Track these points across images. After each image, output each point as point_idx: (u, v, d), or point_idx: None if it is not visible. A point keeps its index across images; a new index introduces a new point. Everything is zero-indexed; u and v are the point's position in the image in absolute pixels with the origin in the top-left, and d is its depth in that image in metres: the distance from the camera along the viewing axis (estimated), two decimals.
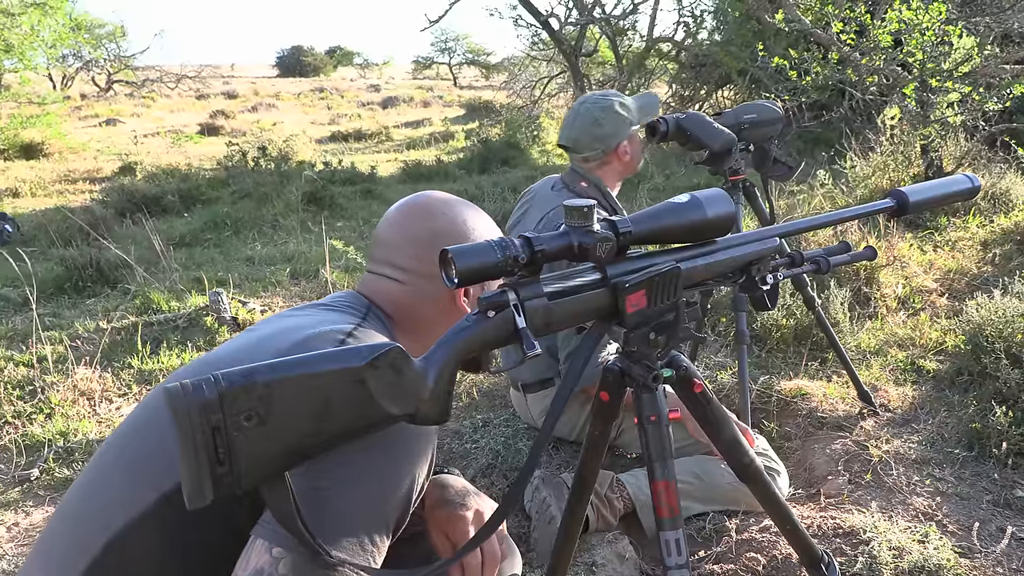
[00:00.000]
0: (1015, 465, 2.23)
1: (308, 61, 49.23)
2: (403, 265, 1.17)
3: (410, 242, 1.17)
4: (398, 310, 1.18)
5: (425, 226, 1.18)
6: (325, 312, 1.14)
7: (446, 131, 13.50)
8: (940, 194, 1.42)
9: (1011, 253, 4.07)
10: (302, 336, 1.03)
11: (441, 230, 1.18)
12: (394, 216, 1.22)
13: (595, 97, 2.24)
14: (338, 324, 1.07)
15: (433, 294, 1.17)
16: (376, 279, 1.20)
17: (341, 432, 0.90)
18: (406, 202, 1.23)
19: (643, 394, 1.15)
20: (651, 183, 6.89)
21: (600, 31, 8.53)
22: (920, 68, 4.35)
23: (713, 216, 1.13)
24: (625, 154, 2.23)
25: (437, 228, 1.18)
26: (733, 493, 2.02)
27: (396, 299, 1.18)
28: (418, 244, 1.17)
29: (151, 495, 0.97)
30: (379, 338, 1.07)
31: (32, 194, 7.94)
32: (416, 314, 1.17)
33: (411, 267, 1.17)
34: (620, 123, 2.20)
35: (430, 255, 1.09)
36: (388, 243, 1.20)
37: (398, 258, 1.18)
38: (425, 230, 1.17)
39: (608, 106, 2.20)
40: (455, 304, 1.18)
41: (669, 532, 1.15)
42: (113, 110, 18.39)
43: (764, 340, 3.16)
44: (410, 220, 1.19)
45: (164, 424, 0.95)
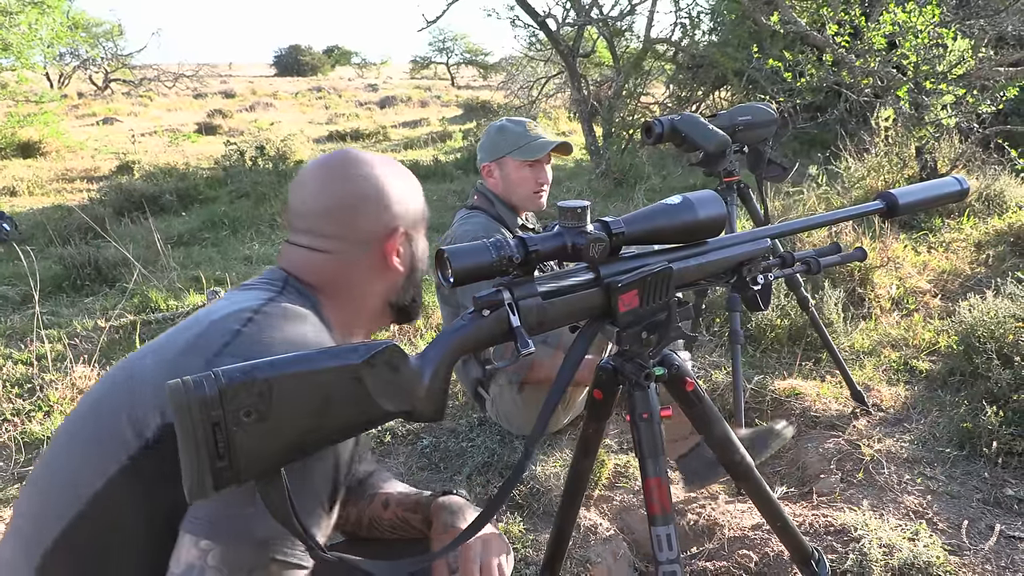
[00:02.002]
0: (1005, 464, 2.26)
1: (306, 60, 49.23)
2: (327, 233, 1.11)
3: (332, 208, 1.11)
4: (324, 280, 1.12)
5: (347, 190, 1.11)
6: (243, 292, 1.11)
7: (443, 131, 13.51)
8: (929, 196, 1.45)
9: (1004, 254, 4.10)
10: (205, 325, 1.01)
11: (364, 192, 1.12)
12: (311, 181, 1.14)
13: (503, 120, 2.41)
14: (248, 303, 1.04)
15: (361, 259, 1.13)
16: (297, 251, 1.14)
17: (340, 428, 0.92)
18: (322, 165, 1.16)
19: (635, 392, 1.17)
20: (648, 184, 6.91)
21: (598, 32, 8.55)
22: (914, 70, 4.38)
23: (705, 217, 1.15)
24: (490, 176, 2.37)
25: (359, 191, 1.12)
26: None
27: (321, 268, 1.12)
28: (341, 210, 1.11)
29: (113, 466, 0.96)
30: (296, 310, 1.04)
31: (29, 193, 7.95)
32: (345, 281, 1.13)
33: (336, 234, 1.11)
34: (491, 146, 2.36)
35: (355, 219, 1.11)
36: (308, 211, 1.13)
37: (321, 226, 1.11)
38: (348, 194, 1.11)
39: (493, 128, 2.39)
40: (387, 265, 1.15)
41: (661, 528, 1.17)
42: (110, 109, 18.38)
43: (758, 340, 3.18)
44: (330, 185, 1.12)
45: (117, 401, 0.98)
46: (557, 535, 1.46)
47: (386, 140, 13.41)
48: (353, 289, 1.14)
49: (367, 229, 1.12)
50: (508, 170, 2.34)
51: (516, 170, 2.33)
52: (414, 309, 1.22)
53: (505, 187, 2.36)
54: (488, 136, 2.38)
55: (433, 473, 2.32)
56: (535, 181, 2.34)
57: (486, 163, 2.38)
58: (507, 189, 2.36)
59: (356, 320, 1.16)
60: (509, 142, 2.32)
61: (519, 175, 2.33)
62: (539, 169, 2.35)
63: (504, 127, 2.36)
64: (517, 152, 2.31)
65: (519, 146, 2.31)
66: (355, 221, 1.11)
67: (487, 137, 2.39)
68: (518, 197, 2.36)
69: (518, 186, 2.34)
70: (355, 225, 1.11)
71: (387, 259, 1.14)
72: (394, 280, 1.16)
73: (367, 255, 1.13)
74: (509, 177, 2.34)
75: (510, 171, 2.34)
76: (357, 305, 1.15)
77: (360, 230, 1.11)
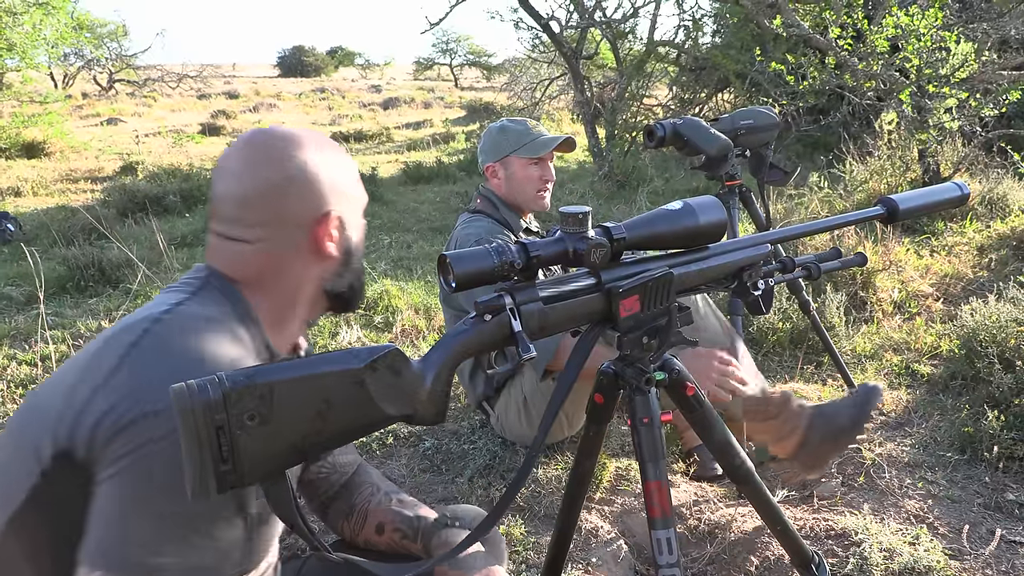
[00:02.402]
0: (1006, 469, 2.26)
1: (309, 61, 49.31)
2: (252, 220, 1.03)
3: (256, 193, 1.03)
4: (251, 272, 1.05)
5: (272, 172, 1.03)
6: (164, 294, 1.05)
7: (447, 132, 13.54)
8: (930, 202, 1.45)
9: (1007, 258, 4.09)
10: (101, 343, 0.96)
11: (290, 174, 1.04)
12: (232, 164, 1.05)
13: (503, 120, 2.38)
14: (149, 311, 0.98)
15: (291, 247, 1.05)
16: (221, 241, 1.06)
17: (342, 432, 0.93)
18: (244, 146, 1.06)
19: (636, 396, 1.18)
20: (650, 186, 6.92)
21: (601, 34, 8.56)
22: (917, 74, 4.38)
23: (705, 223, 1.16)
24: (494, 176, 2.34)
25: (286, 173, 1.03)
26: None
27: (247, 259, 1.05)
28: (266, 194, 1.03)
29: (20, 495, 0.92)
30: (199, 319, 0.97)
31: (34, 193, 7.97)
32: (274, 271, 1.06)
33: (261, 221, 1.03)
34: (493, 146, 2.33)
35: (282, 204, 1.03)
36: (230, 197, 1.04)
37: (245, 213, 1.03)
38: (273, 177, 1.03)
39: (494, 128, 2.36)
40: (320, 252, 1.07)
41: (661, 531, 1.17)
42: (114, 109, 18.42)
43: (760, 343, 3.19)
44: (253, 167, 1.03)
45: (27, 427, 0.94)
46: (558, 538, 1.46)
47: (389, 141, 13.43)
48: (283, 279, 1.07)
49: (296, 214, 1.04)
50: (513, 169, 2.31)
51: (521, 168, 2.30)
52: (353, 297, 1.15)
53: (509, 187, 2.33)
54: (489, 137, 2.35)
55: (435, 475, 2.33)
56: (540, 179, 2.31)
57: (490, 164, 2.34)
58: (512, 189, 2.33)
59: (289, 312, 1.09)
60: (512, 140, 2.30)
61: (524, 173, 2.30)
62: (544, 166, 2.32)
63: (505, 126, 2.33)
64: (522, 150, 2.28)
65: (523, 144, 2.28)
66: (282, 206, 1.03)
67: (488, 138, 2.36)
68: (524, 197, 2.33)
69: (524, 185, 2.31)
70: (282, 211, 1.03)
71: (320, 245, 1.07)
72: (328, 267, 1.10)
73: (297, 242, 1.06)
74: (514, 176, 2.31)
75: (515, 170, 2.30)
76: (290, 296, 1.08)
77: (288, 216, 1.04)
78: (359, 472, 1.35)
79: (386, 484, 1.36)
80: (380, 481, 1.36)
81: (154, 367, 0.90)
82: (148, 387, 0.88)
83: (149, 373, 0.90)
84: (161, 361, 0.91)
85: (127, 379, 0.90)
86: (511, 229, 2.30)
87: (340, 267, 1.11)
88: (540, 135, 2.31)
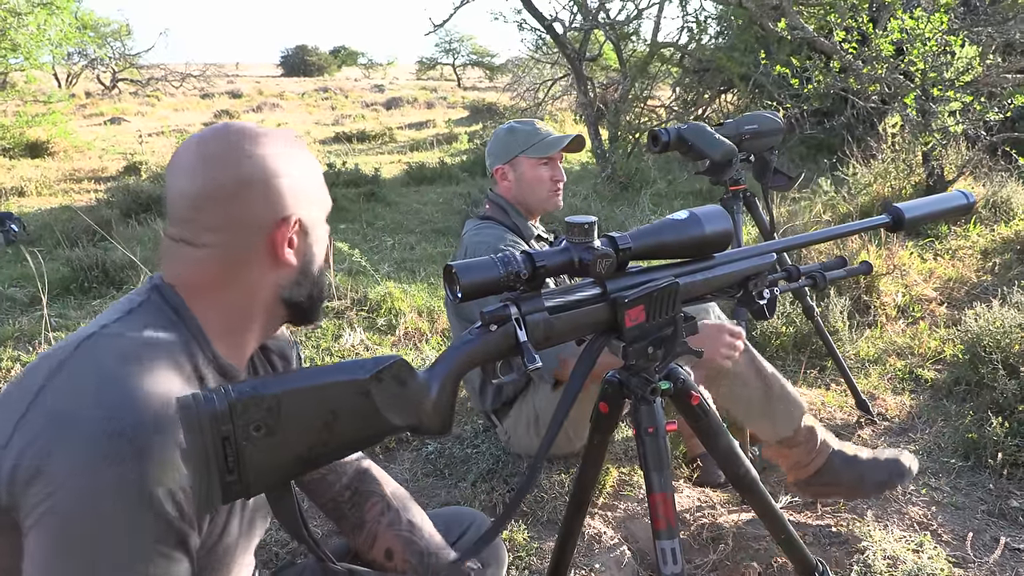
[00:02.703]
0: (1010, 476, 2.25)
1: (312, 61, 49.39)
2: (205, 224, 0.97)
3: (210, 194, 0.96)
4: (201, 279, 0.99)
5: (228, 172, 0.96)
6: (107, 312, 1.00)
7: (450, 133, 13.54)
8: (936, 210, 1.45)
9: (1011, 262, 4.09)
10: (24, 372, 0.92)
11: (248, 175, 0.96)
12: (187, 161, 0.97)
13: (510, 122, 2.34)
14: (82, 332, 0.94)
15: (245, 253, 0.99)
16: (172, 245, 1.00)
17: (347, 442, 0.93)
18: (200, 142, 0.99)
19: (641, 406, 1.18)
20: (653, 188, 6.91)
21: (605, 35, 8.56)
22: (922, 77, 4.37)
23: (711, 232, 1.16)
24: (504, 179, 2.29)
25: (244, 173, 0.96)
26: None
27: (197, 265, 0.98)
28: (220, 196, 0.96)
29: None
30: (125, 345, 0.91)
31: (37, 193, 7.98)
32: (225, 280, 0.99)
33: (214, 224, 0.97)
34: (501, 148, 2.28)
35: (238, 207, 0.96)
36: (183, 197, 0.97)
37: (197, 215, 0.97)
38: (229, 177, 0.96)
39: (502, 130, 2.31)
40: (277, 259, 1.01)
41: (666, 541, 1.17)
42: (118, 109, 18.45)
43: (763, 347, 3.18)
44: (210, 168, 0.96)
45: None
46: (561, 545, 1.46)
47: (392, 141, 13.44)
48: (237, 287, 1.00)
49: (252, 218, 0.97)
50: (523, 169, 2.26)
51: (531, 169, 2.25)
52: (312, 309, 1.09)
53: (520, 189, 2.28)
54: (497, 139, 2.31)
55: (438, 479, 2.32)
56: (551, 179, 2.27)
57: (499, 166, 2.29)
58: (522, 191, 2.28)
59: (243, 322, 1.03)
60: (521, 141, 2.26)
61: (535, 174, 2.26)
62: (554, 166, 2.28)
63: (513, 127, 2.29)
64: (532, 150, 2.24)
65: (532, 143, 2.24)
66: (237, 209, 0.96)
67: (496, 140, 2.31)
68: (535, 198, 2.28)
69: (534, 186, 2.26)
70: (237, 214, 0.97)
71: (277, 252, 1.00)
72: (286, 275, 1.03)
73: (253, 248, 0.99)
74: (524, 177, 2.26)
75: (525, 170, 2.26)
76: (244, 305, 1.02)
77: (243, 219, 0.97)
78: (367, 479, 1.30)
79: (396, 498, 1.31)
80: (390, 493, 1.30)
81: (67, 400, 0.85)
82: (60, 424, 0.83)
83: (61, 407, 0.84)
84: (74, 394, 0.86)
85: (41, 416, 0.84)
86: (521, 235, 2.25)
87: (299, 275, 1.04)
88: (548, 134, 2.28)
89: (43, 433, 0.83)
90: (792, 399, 2.00)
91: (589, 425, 1.30)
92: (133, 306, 0.98)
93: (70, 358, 0.89)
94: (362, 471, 1.32)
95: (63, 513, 0.81)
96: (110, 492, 0.81)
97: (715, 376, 1.95)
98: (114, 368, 0.88)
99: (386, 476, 1.34)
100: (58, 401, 0.85)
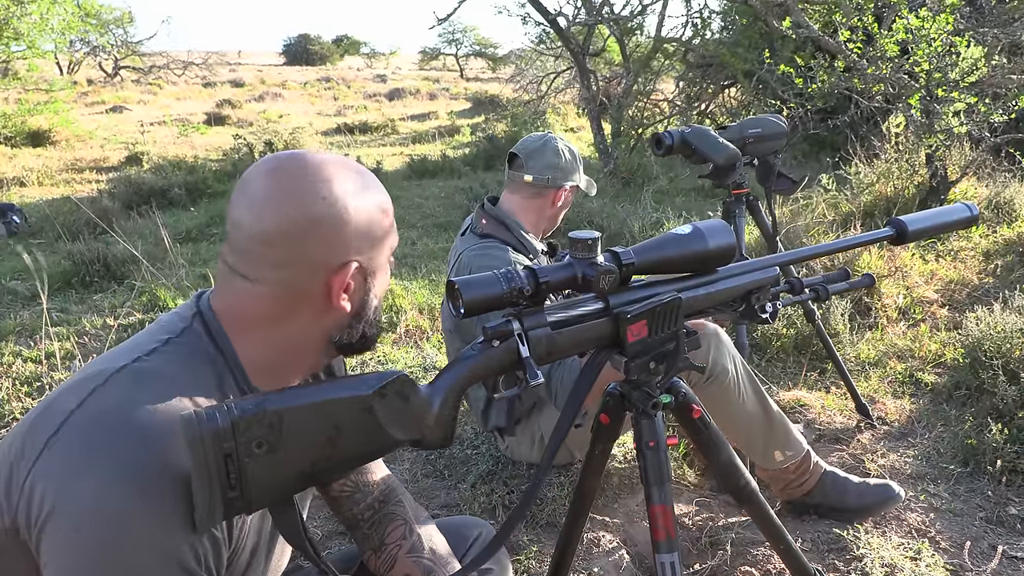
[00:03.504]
0: (1009, 482, 2.26)
1: (315, 50, 49.27)
2: (264, 259, 0.94)
3: (274, 234, 0.92)
4: (252, 313, 0.96)
5: (296, 212, 0.92)
6: (144, 334, 0.98)
7: (452, 125, 13.51)
8: (939, 223, 1.45)
9: (1013, 264, 4.08)
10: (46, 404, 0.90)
11: (319, 216, 0.93)
12: (256, 192, 0.94)
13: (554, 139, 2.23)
14: (111, 363, 0.91)
15: (301, 294, 0.96)
16: (229, 275, 0.97)
17: (350, 457, 0.93)
18: (273, 172, 0.95)
19: (642, 420, 1.18)
20: (656, 185, 6.91)
21: (608, 30, 8.52)
22: (926, 78, 4.35)
23: (715, 247, 1.15)
24: (556, 202, 2.19)
25: (313, 214, 0.93)
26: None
27: (251, 300, 0.96)
28: (285, 237, 0.92)
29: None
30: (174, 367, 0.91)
31: (39, 183, 7.98)
32: (278, 317, 0.97)
33: (274, 262, 0.94)
34: (567, 170, 2.19)
35: (301, 248, 0.93)
36: (246, 230, 0.94)
37: (258, 248, 0.94)
38: (298, 216, 0.92)
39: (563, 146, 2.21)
40: (330, 303, 0.97)
41: (665, 555, 1.18)
42: (120, 97, 18.42)
43: (764, 349, 3.18)
44: (277, 202, 0.92)
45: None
46: (561, 551, 1.47)
47: (394, 133, 13.42)
48: (286, 327, 0.98)
49: (312, 261, 0.94)
50: (567, 196, 2.22)
51: (571, 196, 2.23)
52: (364, 344, 1.06)
53: (555, 212, 2.21)
54: (564, 155, 2.18)
55: (437, 480, 2.33)
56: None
57: (567, 185, 2.18)
58: (556, 214, 2.22)
59: (288, 362, 1.01)
60: (575, 165, 2.21)
61: (568, 199, 2.24)
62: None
63: (572, 150, 2.21)
64: (581, 180, 2.22)
65: (578, 169, 2.22)
66: (298, 250, 0.93)
67: (564, 156, 2.17)
68: (554, 223, 2.24)
69: (563, 208, 2.24)
70: (297, 255, 0.94)
71: (331, 296, 0.97)
72: (337, 319, 1.00)
73: (307, 290, 0.96)
74: (567, 202, 2.23)
75: (569, 195, 2.22)
76: (290, 346, 0.99)
77: (303, 261, 0.94)
78: (391, 500, 1.29)
79: (420, 523, 1.30)
80: (413, 517, 1.29)
81: (84, 446, 0.83)
82: (74, 471, 0.82)
83: (77, 454, 0.83)
84: (93, 438, 0.84)
85: (57, 458, 0.83)
86: (525, 251, 2.14)
87: (351, 319, 1.01)
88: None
89: (57, 478, 0.82)
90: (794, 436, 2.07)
91: (586, 443, 1.30)
92: (172, 335, 0.96)
93: (92, 396, 0.87)
94: (388, 492, 1.30)
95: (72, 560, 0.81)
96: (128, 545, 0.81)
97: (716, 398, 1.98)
98: (133, 412, 0.86)
99: (410, 497, 1.33)
100: (73, 446, 0.84)
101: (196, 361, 0.94)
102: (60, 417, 0.85)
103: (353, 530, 1.28)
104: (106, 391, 0.87)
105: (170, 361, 0.93)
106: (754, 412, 2.00)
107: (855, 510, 2.07)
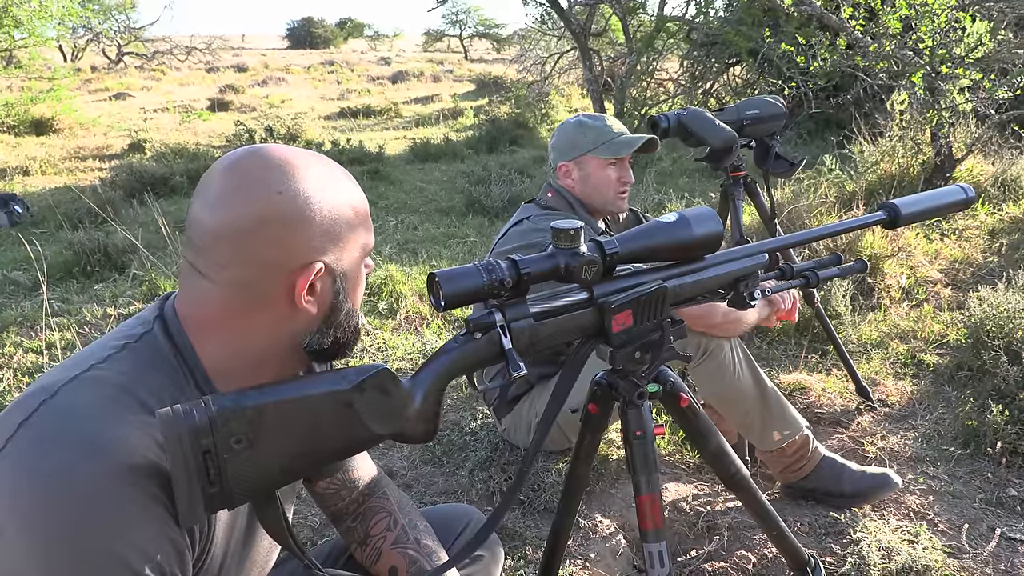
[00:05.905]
0: (1009, 464, 2.25)
1: (318, 33, 49.03)
2: (219, 258, 0.89)
3: (231, 230, 0.88)
4: (211, 313, 0.92)
5: (252, 211, 0.87)
6: (98, 343, 0.94)
7: (455, 108, 13.44)
8: (933, 206, 1.43)
9: (1018, 243, 4.05)
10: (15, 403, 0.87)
11: (275, 215, 0.88)
12: (213, 188, 0.90)
13: (580, 115, 2.20)
14: (65, 372, 0.88)
15: (262, 295, 0.91)
16: (189, 272, 0.92)
17: (331, 452, 0.93)
18: (231, 168, 0.90)
19: (629, 410, 1.17)
20: (658, 166, 6.86)
21: (611, 9, 8.44)
22: (930, 55, 4.29)
23: (701, 234, 1.14)
24: (568, 176, 2.16)
25: (268, 212, 0.88)
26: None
27: (210, 299, 0.91)
28: (242, 234, 0.88)
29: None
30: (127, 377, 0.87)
31: (42, 172, 7.98)
32: (238, 319, 0.92)
33: (230, 260, 0.89)
34: (568, 143, 2.14)
35: (259, 246, 0.88)
36: (203, 226, 0.89)
37: (214, 246, 0.89)
38: (253, 214, 0.87)
39: (570, 124, 2.17)
40: (293, 305, 0.92)
41: (653, 544, 1.18)
42: (123, 83, 18.37)
43: (764, 332, 3.17)
44: (233, 199, 0.88)
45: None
46: (554, 537, 1.47)
47: (398, 117, 13.36)
48: (247, 330, 0.93)
49: (268, 258, 0.89)
50: (589, 170, 2.12)
51: (599, 169, 2.11)
52: (338, 352, 1.01)
53: (584, 188, 2.14)
54: (564, 133, 2.16)
55: (435, 467, 2.34)
56: (619, 181, 2.13)
57: (563, 163, 2.14)
58: (587, 191, 2.14)
59: (251, 368, 0.95)
60: (590, 139, 2.11)
61: (602, 175, 2.12)
62: (623, 167, 2.14)
63: (583, 122, 2.13)
64: (601, 149, 2.09)
65: (602, 142, 2.09)
66: (256, 248, 0.88)
67: (562, 134, 2.16)
68: (600, 199, 2.14)
69: (600, 187, 2.13)
70: (256, 253, 0.88)
71: (294, 297, 0.91)
72: (303, 322, 0.95)
73: (267, 291, 0.91)
74: (590, 178, 2.12)
75: (592, 170, 2.12)
76: (252, 350, 0.94)
77: (262, 260, 0.89)
78: (375, 493, 1.27)
79: (404, 514, 1.27)
80: (398, 509, 1.27)
81: (32, 461, 0.80)
82: (22, 488, 0.79)
83: (25, 470, 0.80)
84: (41, 451, 0.80)
85: (7, 475, 0.80)
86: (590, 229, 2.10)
87: (320, 323, 0.96)
88: (620, 134, 2.14)
89: (10, 486, 0.79)
90: (790, 414, 2.08)
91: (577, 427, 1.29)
92: (131, 340, 0.92)
93: (40, 410, 0.83)
94: (372, 485, 1.29)
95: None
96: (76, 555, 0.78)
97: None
98: (85, 425, 0.82)
99: (396, 489, 1.32)
100: (19, 460, 0.80)
101: (153, 366, 0.90)
102: (7, 432, 0.82)
103: (338, 523, 1.27)
104: (55, 403, 0.84)
105: (125, 368, 0.89)
106: (750, 390, 2.01)
107: (850, 496, 2.08)
